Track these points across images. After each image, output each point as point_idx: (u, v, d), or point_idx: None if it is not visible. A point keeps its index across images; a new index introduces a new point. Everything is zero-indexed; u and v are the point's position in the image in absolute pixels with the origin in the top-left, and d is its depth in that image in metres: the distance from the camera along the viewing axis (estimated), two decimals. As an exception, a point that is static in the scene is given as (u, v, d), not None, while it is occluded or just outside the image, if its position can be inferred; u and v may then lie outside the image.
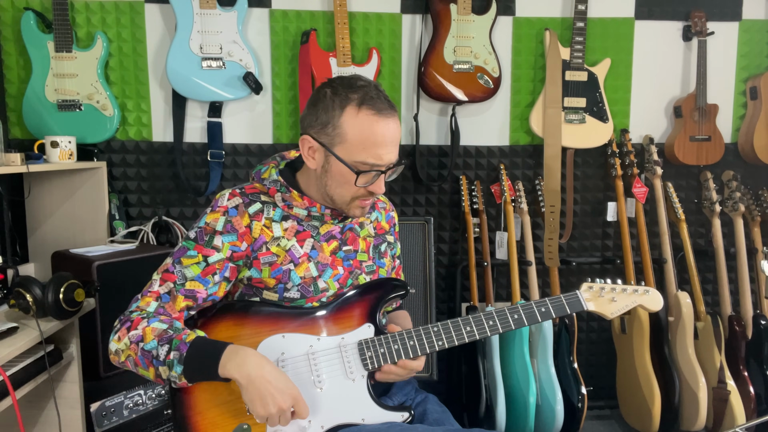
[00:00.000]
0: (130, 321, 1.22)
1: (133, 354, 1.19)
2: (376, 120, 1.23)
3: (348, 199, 1.29)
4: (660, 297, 1.41)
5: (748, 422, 2.26)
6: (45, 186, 2.28)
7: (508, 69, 2.54)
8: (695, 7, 2.53)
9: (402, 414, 1.28)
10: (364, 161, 1.24)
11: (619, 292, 1.40)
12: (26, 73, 2.30)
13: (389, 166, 1.27)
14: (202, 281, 1.25)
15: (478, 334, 1.29)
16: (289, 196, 1.31)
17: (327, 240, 1.36)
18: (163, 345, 1.17)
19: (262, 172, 1.36)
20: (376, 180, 1.27)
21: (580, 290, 1.39)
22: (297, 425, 1.22)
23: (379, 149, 1.24)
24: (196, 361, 1.15)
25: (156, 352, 1.17)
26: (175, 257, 1.27)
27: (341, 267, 1.36)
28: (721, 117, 2.57)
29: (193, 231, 1.29)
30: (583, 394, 2.26)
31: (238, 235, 1.28)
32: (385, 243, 1.47)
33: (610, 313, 1.38)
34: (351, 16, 2.40)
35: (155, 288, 1.26)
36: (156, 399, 2.02)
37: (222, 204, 1.30)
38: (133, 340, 1.19)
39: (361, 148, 1.23)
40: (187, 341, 1.17)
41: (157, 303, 1.24)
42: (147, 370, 1.19)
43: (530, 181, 2.59)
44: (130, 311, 1.24)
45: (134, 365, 1.20)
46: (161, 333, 1.19)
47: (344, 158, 1.24)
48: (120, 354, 1.21)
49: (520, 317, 1.32)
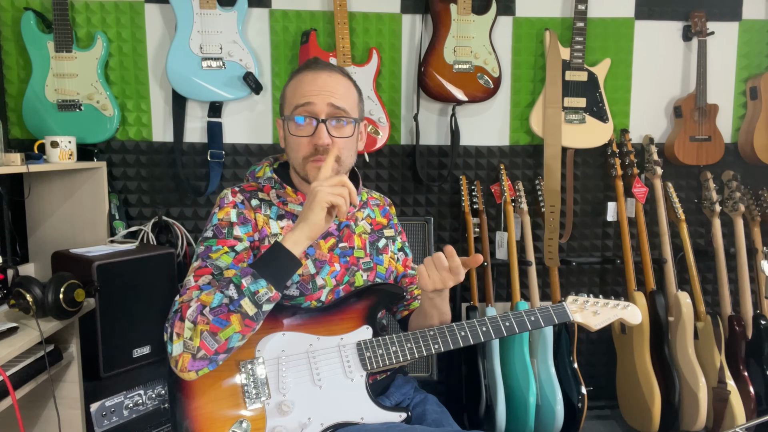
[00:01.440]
0: (179, 312, 1.17)
1: (205, 326, 1.13)
2: (306, 72, 1.34)
3: (300, 160, 1.33)
4: (638, 312, 1.46)
5: (748, 422, 2.26)
6: (45, 186, 2.28)
7: (508, 69, 2.54)
8: (695, 7, 2.53)
9: (400, 414, 1.29)
10: (295, 105, 1.31)
11: (601, 305, 1.45)
12: (26, 73, 2.30)
13: (329, 116, 1.31)
14: (236, 268, 1.25)
15: (472, 340, 1.31)
16: (284, 192, 1.35)
17: (324, 237, 1.37)
18: (227, 287, 1.15)
19: (256, 171, 1.40)
20: (315, 131, 1.30)
21: (566, 302, 1.43)
22: (297, 422, 1.22)
23: (305, 90, 1.31)
24: (270, 268, 1.16)
25: (227, 298, 1.14)
26: (203, 255, 1.26)
27: (338, 264, 1.37)
28: (721, 117, 2.57)
29: (208, 231, 1.30)
30: (583, 394, 2.26)
31: (251, 226, 1.31)
32: (383, 238, 1.48)
33: (594, 325, 1.42)
34: (351, 16, 2.40)
35: (192, 284, 1.22)
36: (156, 399, 2.02)
37: (229, 200, 1.33)
38: (193, 316, 1.14)
39: (291, 97, 1.33)
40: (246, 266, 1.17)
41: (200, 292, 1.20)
42: (229, 323, 1.13)
43: (530, 181, 2.59)
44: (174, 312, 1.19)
45: (212, 336, 1.13)
46: (216, 286, 1.17)
47: (285, 115, 1.34)
48: (190, 343, 1.14)
49: (512, 325, 1.34)
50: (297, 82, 1.34)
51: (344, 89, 1.34)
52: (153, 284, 2.01)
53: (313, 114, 1.30)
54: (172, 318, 1.18)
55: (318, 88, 1.30)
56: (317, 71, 1.33)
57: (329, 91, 1.31)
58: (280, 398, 1.24)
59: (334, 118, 1.31)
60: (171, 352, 1.16)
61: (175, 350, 1.15)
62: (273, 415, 1.23)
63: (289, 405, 1.23)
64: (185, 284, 1.25)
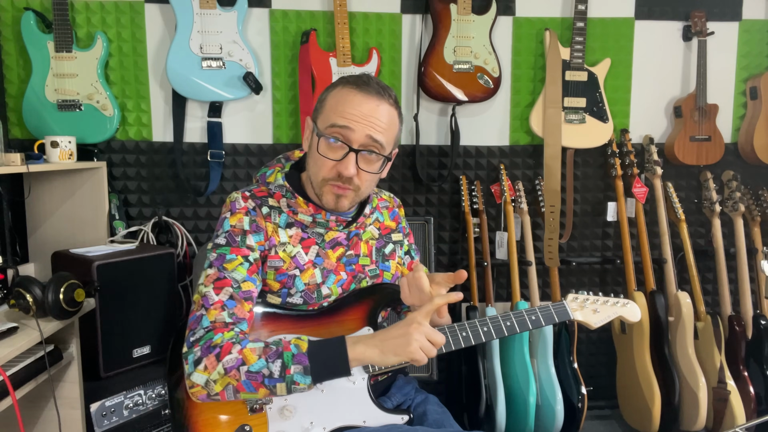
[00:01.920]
0: (218, 347, 1.14)
1: (234, 381, 1.12)
2: (357, 91, 1.26)
3: (319, 180, 1.27)
4: (638, 309, 1.47)
5: (748, 422, 2.26)
6: (45, 186, 2.28)
7: (508, 69, 2.54)
8: (695, 7, 2.53)
9: (402, 417, 1.29)
10: (333, 123, 1.24)
11: (601, 303, 1.45)
12: (26, 73, 2.30)
13: (363, 147, 1.24)
14: (251, 280, 1.24)
15: (473, 340, 1.31)
16: (295, 202, 1.31)
17: (333, 247, 1.35)
18: (274, 361, 1.13)
19: (267, 175, 1.35)
20: (344, 158, 1.24)
21: (567, 300, 1.43)
22: (299, 426, 1.22)
23: (348, 114, 1.23)
24: (323, 368, 1.13)
25: (267, 371, 1.12)
26: (218, 265, 1.23)
27: (344, 272, 1.35)
28: (721, 117, 2.57)
29: (221, 238, 1.26)
30: (583, 394, 2.26)
31: (264, 234, 1.28)
32: (390, 244, 1.46)
33: (594, 323, 1.42)
34: (351, 16, 2.40)
35: (215, 298, 1.20)
36: (156, 399, 2.01)
37: (241, 206, 1.29)
38: (230, 366, 1.12)
39: (332, 111, 1.25)
40: (304, 351, 1.14)
41: (227, 312, 1.19)
42: (255, 391, 1.13)
43: (530, 181, 2.59)
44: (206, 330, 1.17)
45: (234, 392, 1.14)
46: (264, 350, 1.14)
47: (318, 126, 1.27)
48: (212, 385, 1.13)
49: (513, 324, 1.34)
50: (342, 98, 1.25)
51: (387, 121, 1.26)
52: (153, 284, 2.01)
53: (348, 140, 1.23)
54: (207, 347, 1.14)
55: (362, 115, 1.23)
56: (368, 95, 1.24)
57: (372, 122, 1.24)
58: (282, 402, 1.23)
59: (366, 149, 1.25)
60: (190, 375, 1.15)
61: (196, 379, 1.14)
62: (275, 420, 1.22)
63: (291, 409, 1.22)
64: (205, 295, 1.21)
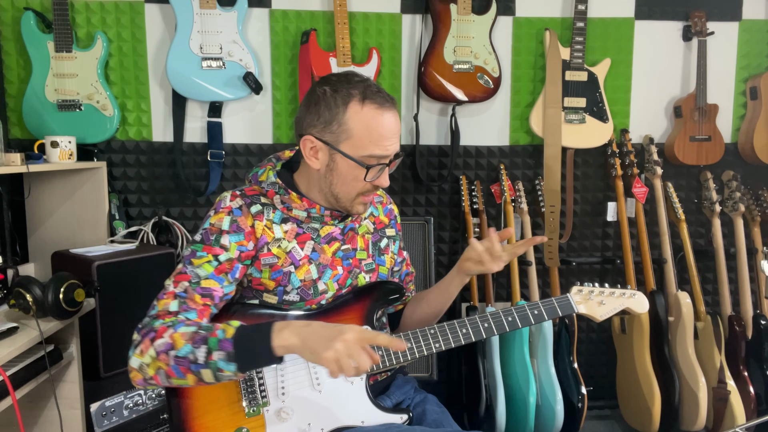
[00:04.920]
0: (153, 331, 1.15)
1: (164, 365, 1.12)
2: (381, 113, 1.24)
3: (353, 195, 1.29)
4: (645, 300, 1.44)
5: (748, 422, 2.26)
6: (45, 186, 2.28)
7: (508, 69, 2.54)
8: (695, 7, 2.53)
9: (401, 416, 1.28)
10: (371, 154, 1.24)
11: (607, 295, 1.43)
12: (26, 73, 2.30)
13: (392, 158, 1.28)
14: (216, 279, 1.23)
15: (474, 337, 1.30)
16: (288, 198, 1.30)
17: (328, 242, 1.35)
18: (199, 347, 1.11)
19: (259, 174, 1.34)
20: (381, 174, 1.28)
21: (571, 293, 1.41)
22: (297, 428, 1.22)
23: (385, 141, 1.25)
24: (248, 355, 1.10)
25: (193, 357, 1.11)
26: (186, 260, 1.25)
27: (340, 267, 1.35)
28: (721, 117, 2.57)
29: (198, 234, 1.28)
30: (583, 394, 2.26)
31: (244, 235, 1.27)
32: (384, 238, 1.46)
33: (599, 316, 1.40)
34: (351, 16, 2.40)
35: (170, 289, 1.22)
36: (156, 399, 2.02)
37: (225, 205, 1.29)
38: (160, 349, 1.12)
39: (367, 142, 1.23)
40: (229, 337, 1.10)
41: (177, 300, 1.20)
42: (184, 377, 1.12)
43: (530, 181, 2.59)
44: (151, 318, 1.19)
45: (166, 377, 1.13)
46: (192, 335, 1.12)
47: (351, 154, 1.24)
48: (145, 369, 1.14)
49: (514, 320, 1.33)
50: (371, 120, 1.23)
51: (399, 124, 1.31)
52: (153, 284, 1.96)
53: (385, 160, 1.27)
54: (145, 331, 1.16)
55: (391, 134, 1.26)
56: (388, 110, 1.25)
57: (396, 135, 1.28)
58: (279, 405, 1.23)
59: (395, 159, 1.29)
60: (129, 357, 1.17)
61: (132, 363, 1.16)
62: (272, 423, 1.22)
63: (288, 411, 1.22)
64: (164, 287, 1.24)
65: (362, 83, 1.25)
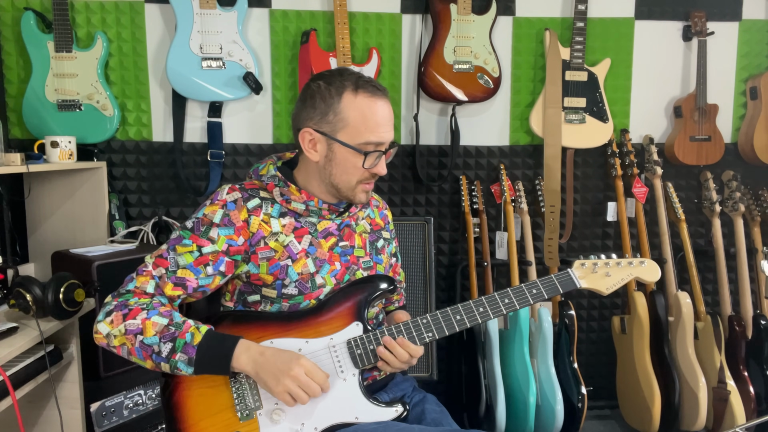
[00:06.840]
0: (127, 308, 1.21)
1: (129, 344, 1.19)
2: (374, 101, 1.29)
3: (353, 184, 1.32)
4: (657, 267, 1.36)
5: (748, 422, 2.26)
6: (45, 186, 2.28)
7: (508, 69, 2.54)
8: (695, 7, 2.53)
9: (396, 408, 1.26)
10: (368, 141, 1.28)
11: (612, 266, 1.35)
12: (26, 73, 2.30)
13: (388, 146, 1.32)
14: (193, 270, 1.26)
15: (468, 322, 1.27)
16: (287, 190, 1.33)
17: (325, 236, 1.36)
18: (166, 342, 1.18)
19: (259, 169, 1.38)
20: (378, 161, 1.31)
21: (572, 268, 1.36)
22: (290, 429, 1.22)
23: (380, 128, 1.29)
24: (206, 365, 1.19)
25: (158, 348, 1.18)
26: (171, 244, 1.28)
27: (338, 263, 1.36)
28: (721, 117, 2.57)
29: (190, 221, 1.30)
30: (583, 394, 2.26)
31: (234, 229, 1.28)
32: (381, 239, 1.48)
33: (605, 288, 1.33)
34: (351, 16, 2.40)
35: (149, 269, 1.26)
36: (156, 399, 2.02)
37: (221, 198, 1.32)
38: (130, 329, 1.19)
39: (363, 129, 1.28)
40: (194, 344, 1.18)
41: (154, 282, 1.25)
42: (144, 361, 1.20)
43: (530, 181, 2.59)
44: (127, 292, 1.24)
45: (127, 353, 1.21)
46: (163, 329, 1.19)
47: (349, 142, 1.28)
48: (112, 339, 1.20)
49: (511, 301, 1.30)
50: (365, 110, 1.28)
51: None
52: None
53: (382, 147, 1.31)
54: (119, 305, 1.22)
55: (385, 121, 1.30)
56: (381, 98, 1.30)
57: (390, 123, 1.32)
58: (271, 407, 1.23)
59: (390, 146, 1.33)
60: (98, 323, 1.22)
61: (101, 327, 1.21)
62: (266, 425, 1.22)
63: (280, 413, 1.22)
64: (145, 262, 1.28)
65: (354, 75, 1.30)
